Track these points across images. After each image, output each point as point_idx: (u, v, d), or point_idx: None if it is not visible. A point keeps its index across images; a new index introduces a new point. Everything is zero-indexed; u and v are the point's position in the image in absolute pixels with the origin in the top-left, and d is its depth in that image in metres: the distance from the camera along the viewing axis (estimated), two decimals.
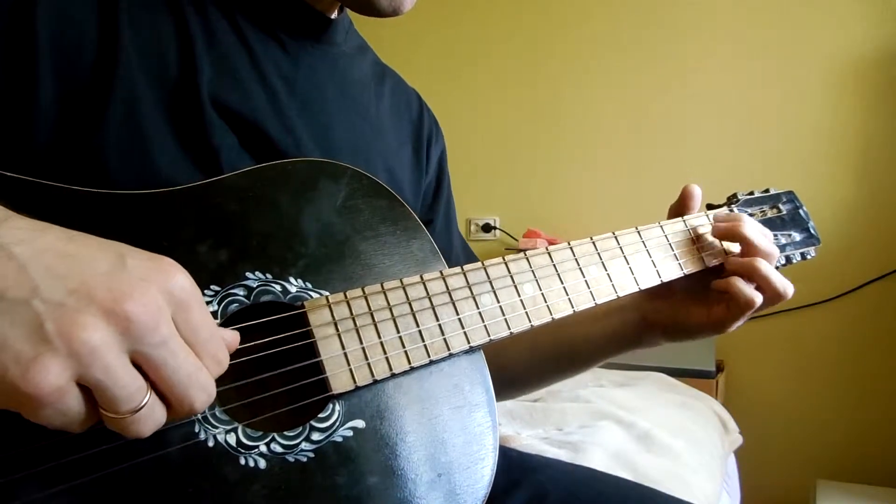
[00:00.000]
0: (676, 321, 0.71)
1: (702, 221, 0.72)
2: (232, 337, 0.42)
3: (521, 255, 0.60)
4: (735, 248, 0.71)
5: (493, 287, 0.58)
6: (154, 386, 0.36)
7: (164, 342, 0.35)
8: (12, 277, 0.33)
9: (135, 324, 0.34)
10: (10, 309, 0.32)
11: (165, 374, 0.36)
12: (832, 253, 1.92)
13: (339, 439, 0.48)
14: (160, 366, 0.35)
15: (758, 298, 0.66)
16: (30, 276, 0.33)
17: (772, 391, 2.06)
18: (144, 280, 0.35)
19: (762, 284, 0.67)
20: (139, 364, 0.35)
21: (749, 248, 0.68)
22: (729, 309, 0.68)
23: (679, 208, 0.73)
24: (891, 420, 1.94)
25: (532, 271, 0.60)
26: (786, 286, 0.67)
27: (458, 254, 0.81)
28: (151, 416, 0.36)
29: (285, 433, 0.47)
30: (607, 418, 1.43)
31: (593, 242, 0.64)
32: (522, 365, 0.80)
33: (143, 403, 0.35)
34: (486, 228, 2.37)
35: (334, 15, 0.67)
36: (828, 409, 2.00)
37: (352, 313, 0.51)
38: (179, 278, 0.37)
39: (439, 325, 0.54)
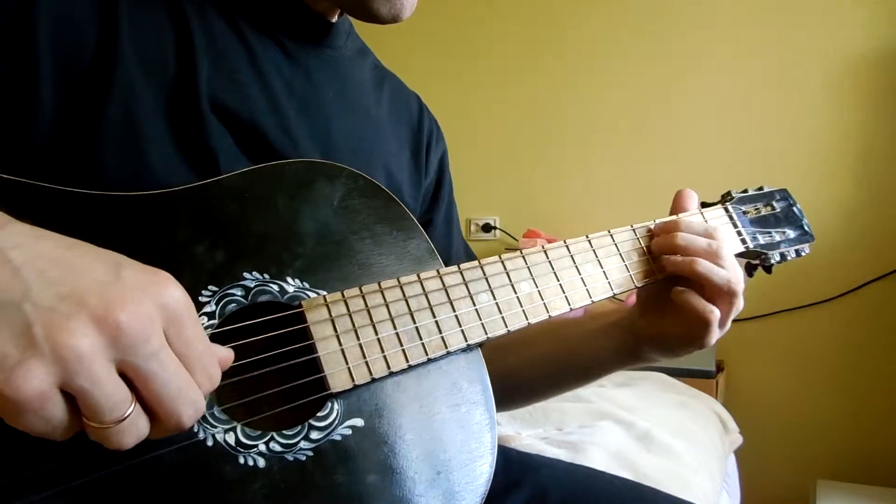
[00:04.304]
0: (664, 337, 0.68)
1: (696, 219, 0.72)
2: (226, 354, 0.42)
3: (518, 253, 0.61)
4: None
5: (489, 285, 0.58)
6: (141, 398, 0.36)
7: (154, 354, 0.35)
8: (5, 280, 0.33)
9: (125, 333, 0.33)
10: (1, 311, 0.32)
11: (154, 387, 0.35)
12: (832, 253, 1.92)
13: (338, 438, 0.49)
14: (149, 378, 0.35)
15: (713, 313, 0.62)
16: (23, 279, 0.33)
17: (772, 391, 2.06)
18: (138, 291, 0.35)
19: (704, 285, 0.63)
20: (127, 375, 0.35)
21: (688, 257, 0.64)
22: (696, 326, 0.64)
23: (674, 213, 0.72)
24: (891, 420, 1.93)
25: (528, 269, 0.60)
26: (730, 283, 0.63)
27: (458, 255, 0.81)
28: (134, 428, 0.35)
29: (284, 432, 0.47)
30: (607, 418, 1.43)
31: (589, 240, 0.65)
32: (526, 377, 0.79)
33: (126, 414, 0.34)
34: (486, 228, 2.38)
35: (335, 18, 0.67)
36: (828, 409, 1.99)
37: (349, 312, 0.51)
38: (174, 292, 0.37)
39: (436, 324, 0.54)
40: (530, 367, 0.79)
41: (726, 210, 0.74)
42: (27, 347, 0.32)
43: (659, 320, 0.68)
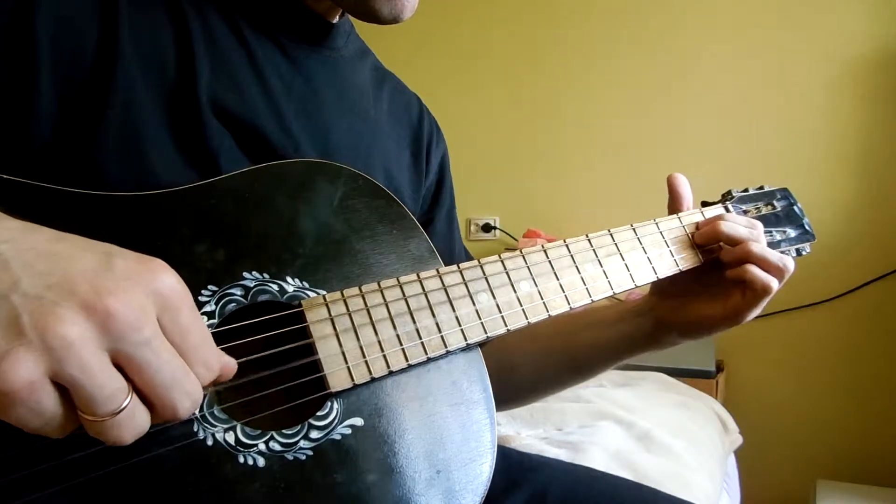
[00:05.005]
0: (693, 319, 0.71)
1: (696, 218, 0.72)
2: (230, 362, 0.41)
3: (518, 252, 0.61)
4: None
5: (489, 285, 0.58)
6: (137, 389, 0.35)
7: (146, 342, 0.34)
8: None
9: (116, 321, 0.33)
10: None
11: (148, 376, 0.34)
12: (832, 253, 1.92)
13: (338, 437, 0.49)
14: (142, 366, 0.34)
15: (774, 282, 0.66)
16: (12, 271, 0.33)
17: (772, 391, 2.06)
18: (130, 279, 0.35)
19: (761, 266, 0.66)
20: (121, 365, 0.34)
21: (734, 244, 0.68)
22: (745, 297, 0.67)
23: (671, 201, 0.74)
24: (891, 420, 1.93)
25: (528, 268, 0.60)
26: (784, 261, 0.67)
27: (461, 258, 0.81)
28: (132, 421, 0.35)
29: (284, 431, 0.47)
30: (607, 418, 1.43)
31: (589, 240, 0.65)
32: (533, 370, 0.80)
33: (123, 406, 0.34)
34: (486, 228, 2.38)
35: (335, 19, 0.67)
36: (828, 408, 2.00)
37: (349, 312, 0.51)
38: (168, 279, 0.36)
39: (436, 323, 0.54)
40: (533, 363, 0.79)
41: (727, 209, 0.75)
42: (15, 337, 0.31)
43: (693, 304, 0.71)
